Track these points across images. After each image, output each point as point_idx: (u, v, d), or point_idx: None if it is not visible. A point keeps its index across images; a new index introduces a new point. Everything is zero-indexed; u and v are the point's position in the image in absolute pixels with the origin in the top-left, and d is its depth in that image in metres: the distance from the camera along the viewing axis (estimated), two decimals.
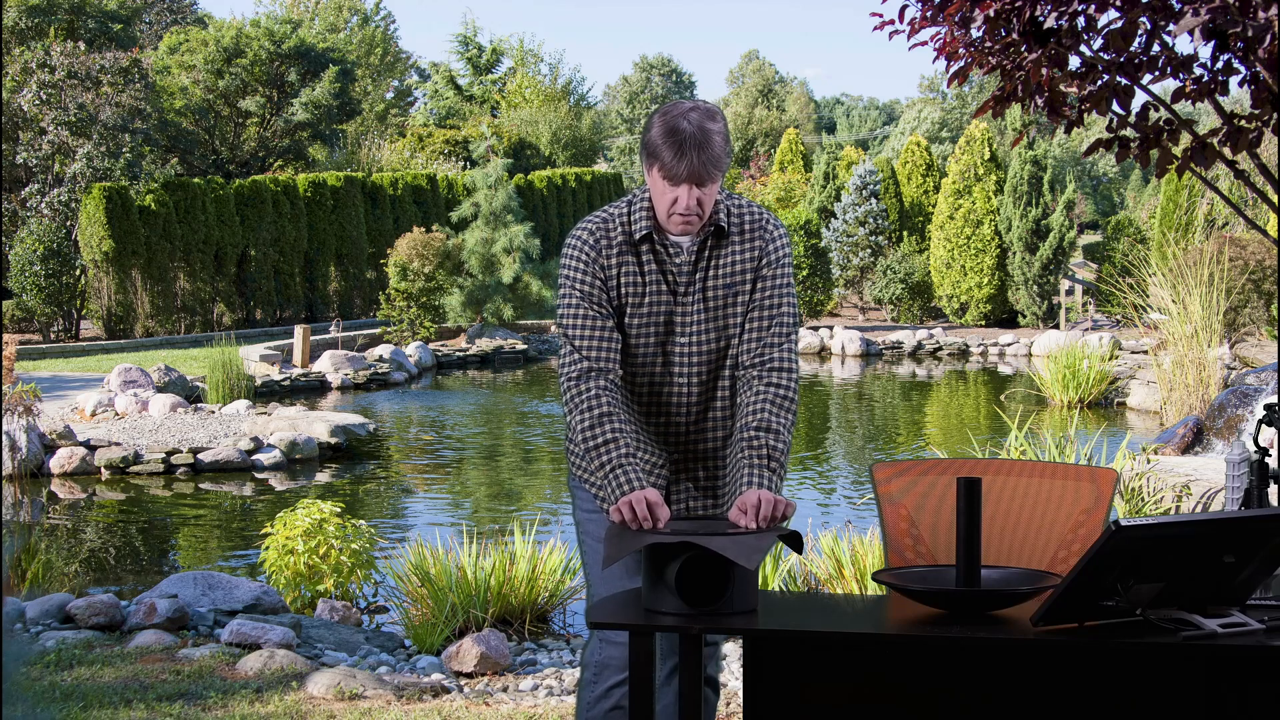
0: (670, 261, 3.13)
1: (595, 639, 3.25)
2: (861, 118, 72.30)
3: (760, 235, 3.16)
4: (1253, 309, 17.99)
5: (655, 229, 3.13)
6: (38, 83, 21.23)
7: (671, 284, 3.13)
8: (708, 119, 3.01)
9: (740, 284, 3.15)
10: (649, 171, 3.06)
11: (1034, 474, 3.12)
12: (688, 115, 3.01)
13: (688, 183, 3.00)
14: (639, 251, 3.13)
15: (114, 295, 20.75)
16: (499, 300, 20.75)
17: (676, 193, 3.02)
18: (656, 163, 3.02)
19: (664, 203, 3.06)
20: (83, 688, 4.81)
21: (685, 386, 3.17)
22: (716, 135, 3.00)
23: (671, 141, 2.98)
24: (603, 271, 3.13)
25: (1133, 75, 4.43)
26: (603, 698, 3.21)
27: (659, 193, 3.06)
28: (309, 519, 6.60)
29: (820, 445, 13.21)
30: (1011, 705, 2.58)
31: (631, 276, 3.13)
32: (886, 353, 21.90)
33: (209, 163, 30.93)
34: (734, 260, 3.15)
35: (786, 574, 6.00)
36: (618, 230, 3.14)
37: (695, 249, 3.14)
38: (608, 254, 3.13)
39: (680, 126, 2.99)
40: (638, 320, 3.14)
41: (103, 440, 11.20)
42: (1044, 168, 24.18)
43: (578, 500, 3.34)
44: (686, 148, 2.97)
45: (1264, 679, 2.50)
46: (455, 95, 49.72)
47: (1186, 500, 7.32)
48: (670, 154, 2.98)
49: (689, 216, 3.05)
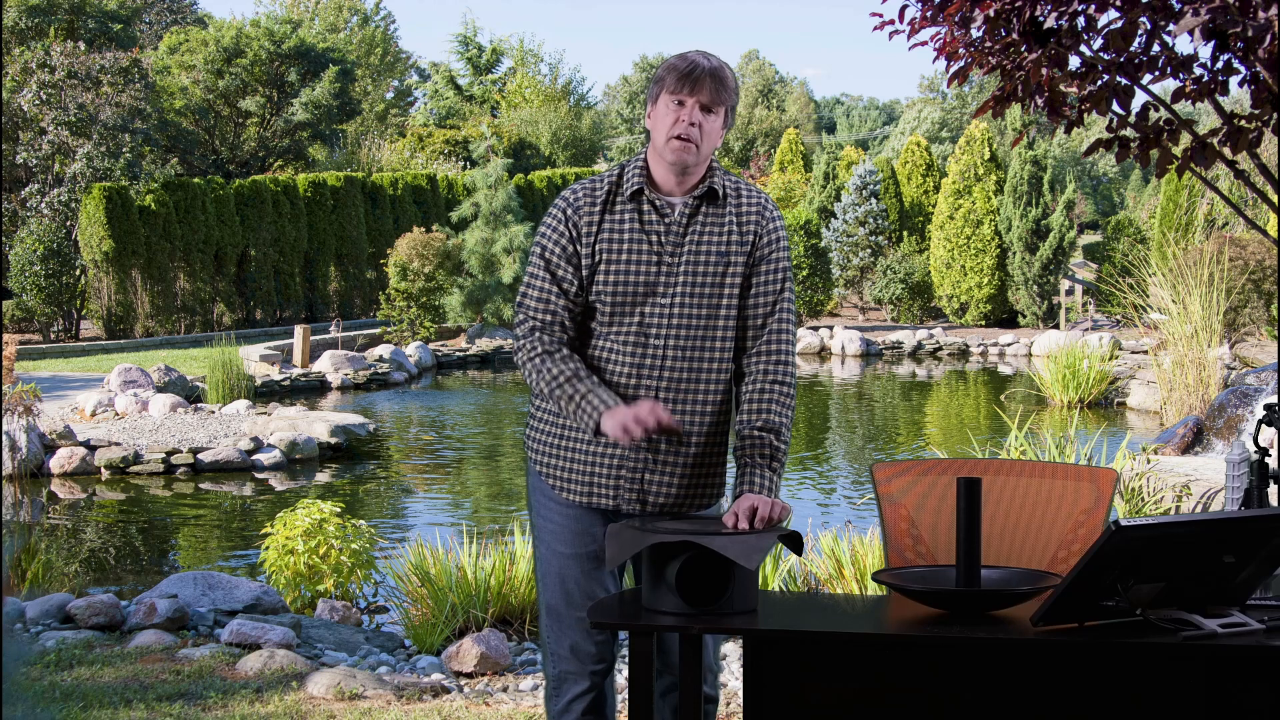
0: (659, 221, 3.05)
1: (549, 652, 3.17)
2: (861, 118, 72.30)
3: (759, 214, 3.10)
4: (1253, 309, 17.99)
5: (648, 184, 3.07)
6: (38, 83, 21.23)
7: (657, 244, 3.04)
8: (717, 57, 3.09)
9: (734, 257, 3.06)
10: (655, 102, 3.05)
11: (1034, 474, 3.12)
12: (698, 51, 3.09)
13: (694, 97, 3.00)
14: (625, 209, 3.06)
15: (114, 295, 20.75)
16: (499, 300, 20.75)
17: (680, 112, 3.00)
18: (665, 81, 3.03)
19: (665, 126, 3.02)
20: (83, 688, 4.81)
21: (660, 354, 3.03)
22: (725, 69, 3.06)
23: (681, 62, 3.03)
24: (573, 231, 3.06)
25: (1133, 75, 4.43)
26: (564, 711, 3.15)
27: (662, 118, 3.03)
28: (309, 519, 6.60)
29: (820, 445, 13.20)
30: (1011, 705, 2.58)
31: (613, 233, 3.05)
32: (886, 353, 21.90)
33: (209, 163, 30.93)
34: (729, 230, 3.07)
35: (786, 574, 6.00)
36: (603, 188, 3.09)
37: (688, 211, 3.06)
38: (590, 211, 3.06)
39: (690, 55, 3.06)
40: (614, 280, 3.03)
41: (103, 440, 11.20)
42: (1044, 168, 24.18)
43: (535, 502, 3.21)
44: (699, 65, 3.02)
45: (1264, 679, 2.50)
46: (455, 95, 49.72)
47: (1186, 500, 7.32)
48: (679, 71, 3.01)
49: (689, 139, 3.00)
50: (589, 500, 3.10)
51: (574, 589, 3.13)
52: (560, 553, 3.15)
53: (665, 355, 3.04)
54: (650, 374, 3.04)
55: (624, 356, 3.04)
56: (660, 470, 3.06)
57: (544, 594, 3.17)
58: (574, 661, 3.14)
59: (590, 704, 3.15)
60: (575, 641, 3.13)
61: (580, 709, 3.14)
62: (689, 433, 3.06)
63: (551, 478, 3.14)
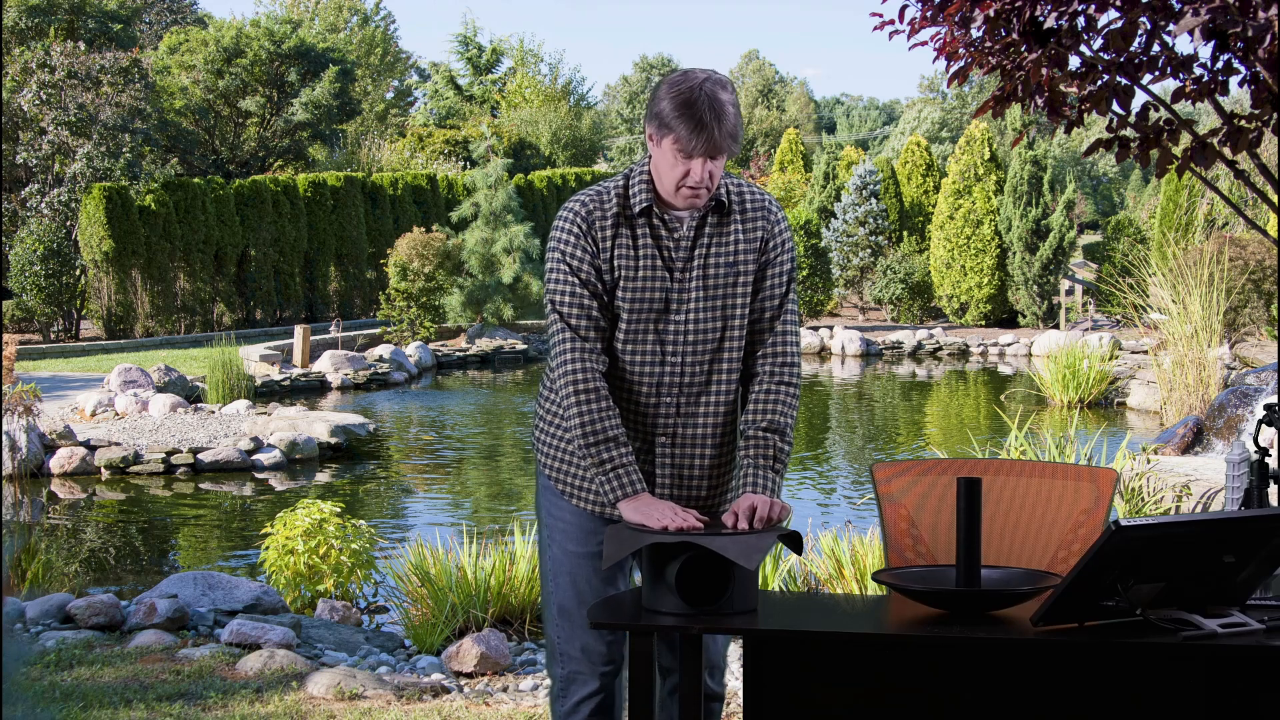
0: (669, 237, 3.03)
1: (557, 653, 3.15)
2: (861, 118, 72.29)
3: (764, 217, 3.09)
4: (1253, 309, 17.99)
5: (655, 201, 3.03)
6: (38, 83, 21.23)
7: (668, 260, 3.02)
8: (720, 89, 2.93)
9: (743, 265, 3.06)
10: (658, 143, 2.97)
11: (1034, 474, 3.12)
12: (702, 86, 2.92)
13: (703, 156, 2.93)
14: (635, 226, 3.03)
15: (114, 295, 20.75)
16: (499, 300, 20.75)
17: (689, 165, 2.94)
18: (670, 135, 2.92)
19: (673, 175, 2.96)
20: (83, 688, 4.81)
21: (679, 367, 3.04)
22: (730, 107, 2.93)
23: (688, 115, 2.90)
24: (594, 245, 3.02)
25: (1133, 75, 4.43)
26: (572, 712, 3.13)
27: (668, 165, 2.96)
28: (309, 519, 6.60)
29: (820, 445, 13.20)
30: (1011, 705, 2.58)
31: (625, 251, 3.01)
32: (886, 353, 21.89)
33: (209, 163, 30.93)
34: (736, 239, 3.06)
35: (786, 574, 5.99)
36: (612, 203, 3.04)
37: (695, 224, 3.04)
38: (601, 227, 3.02)
39: (695, 99, 2.91)
40: (631, 297, 3.01)
41: (103, 440, 11.20)
42: (1044, 168, 24.18)
43: (544, 501, 3.20)
44: (706, 121, 2.89)
45: (1264, 679, 2.50)
46: (455, 95, 49.71)
47: (1186, 500, 7.32)
48: (687, 127, 2.90)
49: (699, 190, 2.96)
50: (601, 510, 3.10)
51: (586, 588, 3.11)
52: (572, 552, 3.13)
53: (683, 368, 3.05)
54: (669, 388, 3.06)
55: (644, 370, 3.05)
56: (677, 480, 3.09)
57: (554, 594, 3.14)
58: (584, 662, 3.11)
59: (599, 705, 3.12)
60: (586, 642, 3.10)
61: (588, 710, 3.11)
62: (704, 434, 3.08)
63: (561, 483, 3.14)
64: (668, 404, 3.05)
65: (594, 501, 3.10)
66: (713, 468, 3.11)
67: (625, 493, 2.90)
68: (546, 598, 3.17)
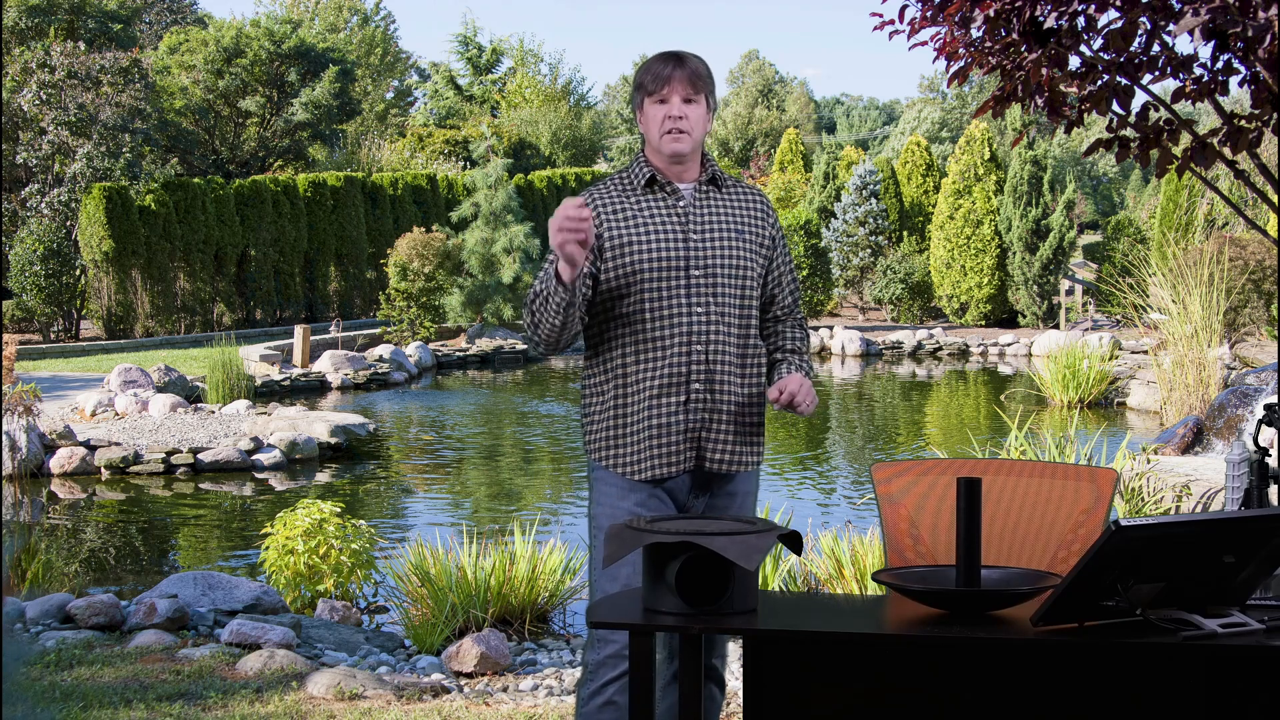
0: (675, 204, 3.31)
1: (593, 639, 3.27)
2: (861, 118, 72.29)
3: (760, 203, 3.41)
4: (1253, 309, 17.99)
5: (657, 171, 3.31)
6: (38, 83, 21.23)
7: (681, 222, 3.29)
8: (689, 54, 3.32)
9: (750, 228, 3.34)
10: (641, 109, 3.31)
11: (1034, 474, 3.12)
12: (670, 51, 3.33)
13: (674, 93, 3.24)
14: (643, 197, 3.31)
15: (114, 295, 20.75)
16: (499, 300, 20.75)
17: (665, 108, 3.25)
18: (644, 85, 3.27)
19: (656, 125, 3.26)
20: (83, 688, 4.81)
21: (705, 317, 3.27)
22: (698, 57, 3.30)
23: (654, 62, 3.28)
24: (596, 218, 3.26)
25: (1133, 75, 4.43)
26: (596, 694, 3.23)
27: (651, 120, 3.28)
28: (309, 519, 6.60)
29: (820, 445, 13.20)
30: (1011, 705, 2.58)
31: (638, 214, 3.28)
32: (886, 353, 21.90)
33: (209, 163, 30.93)
34: (738, 208, 3.36)
35: (786, 574, 6.00)
36: (617, 182, 3.34)
37: (696, 195, 3.32)
38: (610, 200, 3.30)
39: (663, 55, 3.32)
40: (649, 255, 3.26)
41: (103, 440, 11.20)
42: (1044, 168, 24.18)
43: (597, 493, 3.36)
44: (669, 59, 3.27)
45: (1264, 679, 2.50)
46: (455, 95, 49.71)
47: (1186, 500, 7.32)
48: (655, 70, 3.26)
49: (679, 125, 3.23)
50: (652, 472, 3.28)
51: None
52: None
53: (710, 321, 3.28)
54: (699, 342, 3.27)
55: (673, 323, 3.26)
56: (714, 428, 3.29)
57: (605, 585, 3.24)
58: (613, 646, 3.21)
59: (624, 686, 3.20)
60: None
61: (612, 692, 3.22)
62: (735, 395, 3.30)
63: (610, 460, 3.32)
64: (700, 358, 3.27)
65: (644, 465, 3.28)
66: (743, 421, 3.34)
67: (553, 265, 3.15)
68: (594, 587, 3.32)
